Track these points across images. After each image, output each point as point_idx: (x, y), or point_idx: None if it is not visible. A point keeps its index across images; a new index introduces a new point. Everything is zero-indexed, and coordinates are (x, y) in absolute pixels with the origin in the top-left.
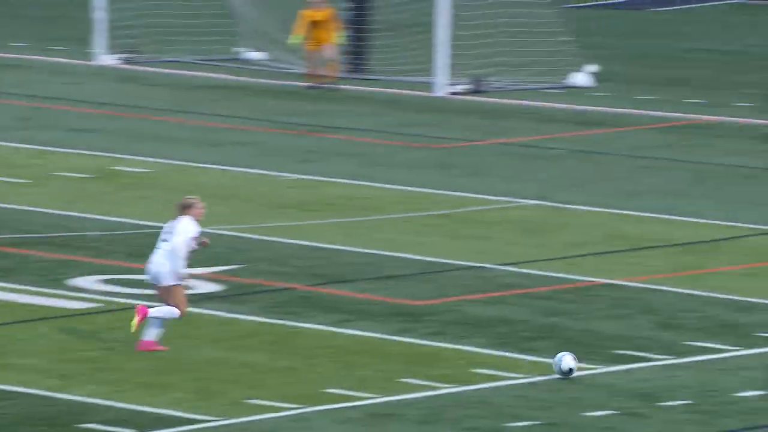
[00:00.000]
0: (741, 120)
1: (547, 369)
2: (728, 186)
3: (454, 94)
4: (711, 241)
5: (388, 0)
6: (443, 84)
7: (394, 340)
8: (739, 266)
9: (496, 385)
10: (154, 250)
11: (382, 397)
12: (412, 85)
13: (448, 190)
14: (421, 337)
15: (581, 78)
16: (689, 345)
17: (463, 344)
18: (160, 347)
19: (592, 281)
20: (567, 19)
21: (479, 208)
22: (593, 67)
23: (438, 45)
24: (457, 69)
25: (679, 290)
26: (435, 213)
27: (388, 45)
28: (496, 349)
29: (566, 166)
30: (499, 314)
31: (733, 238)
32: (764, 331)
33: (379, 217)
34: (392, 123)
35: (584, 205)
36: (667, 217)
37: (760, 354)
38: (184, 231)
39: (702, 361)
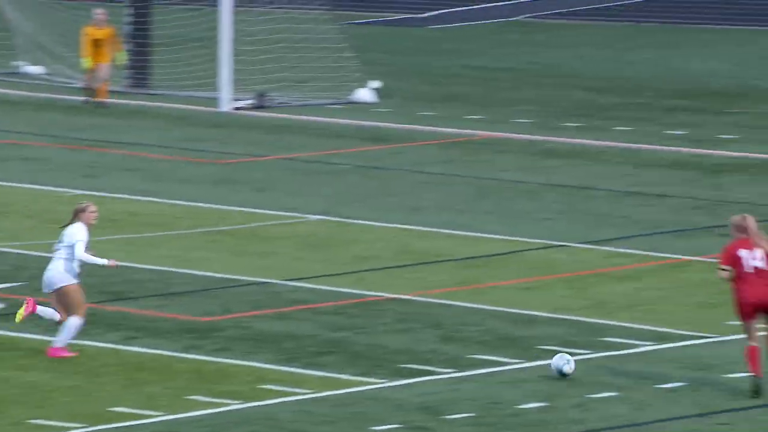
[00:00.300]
0: (520, 136)
1: (333, 383)
2: (509, 201)
3: (238, 109)
4: (493, 255)
5: (169, 14)
6: (227, 99)
7: (181, 357)
8: (520, 280)
9: (282, 401)
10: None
11: (170, 414)
12: (196, 100)
13: (234, 206)
14: (208, 353)
15: (364, 94)
16: (472, 358)
17: (250, 360)
18: (69, 353)
19: (378, 296)
20: (349, 36)
21: (265, 223)
22: (376, 83)
23: (221, 60)
24: (241, 84)
25: (463, 304)
26: (220, 229)
27: (170, 60)
28: (282, 365)
29: (351, 182)
30: (286, 330)
31: (514, 252)
32: (545, 343)
33: (164, 233)
34: (177, 138)
35: (369, 220)
36: (450, 231)
37: (541, 366)
38: (79, 237)
39: (485, 374)
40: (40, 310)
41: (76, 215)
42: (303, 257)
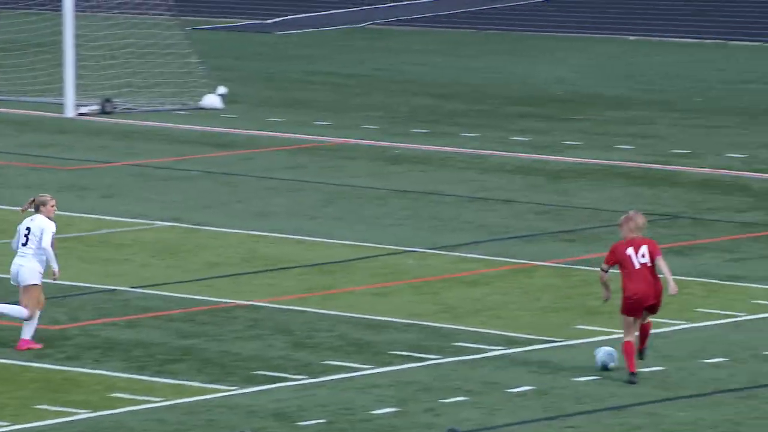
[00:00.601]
0: (368, 142)
1: (184, 391)
2: (358, 207)
3: (82, 115)
4: (343, 261)
5: (10, 19)
6: (72, 105)
7: (29, 366)
8: (370, 285)
9: (133, 410)
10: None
11: (17, 424)
12: (40, 106)
13: (81, 213)
14: (57, 362)
15: (212, 100)
16: (324, 364)
17: (99, 369)
18: (36, 345)
19: (228, 302)
20: (195, 41)
21: (113, 230)
22: (223, 89)
23: (65, 65)
24: (85, 90)
25: (313, 310)
26: (68, 235)
27: (13, 65)
28: (132, 373)
29: (200, 188)
30: (136, 337)
31: (363, 258)
32: (395, 349)
33: (9, 240)
34: (21, 144)
35: (219, 226)
36: (299, 237)
37: (392, 372)
38: (48, 229)
39: (337, 379)
40: (2, 308)
41: (37, 208)
42: (152, 264)
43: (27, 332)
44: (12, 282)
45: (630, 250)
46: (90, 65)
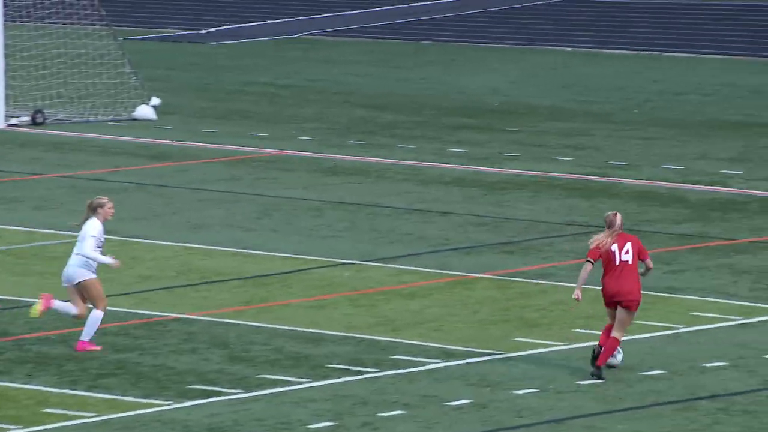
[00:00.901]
0: (304, 153)
1: (118, 406)
2: (294, 219)
3: (13, 126)
4: (279, 273)
5: None
6: (2, 116)
7: None
8: (306, 298)
9: (65, 425)
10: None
11: None
12: None
13: (12, 225)
14: None
15: (145, 111)
16: (260, 378)
17: (31, 383)
18: (95, 347)
19: (163, 315)
20: (128, 51)
21: (45, 243)
22: (156, 100)
23: None
24: (16, 101)
25: (249, 323)
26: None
27: None
28: (65, 388)
29: (133, 200)
30: (68, 351)
31: (300, 270)
32: (332, 362)
33: None
34: None
35: (153, 238)
36: (235, 250)
37: (329, 385)
38: (89, 233)
39: (273, 393)
40: (57, 304)
41: (93, 210)
42: None
43: (86, 334)
44: (63, 284)
45: (615, 247)
46: (21, 75)
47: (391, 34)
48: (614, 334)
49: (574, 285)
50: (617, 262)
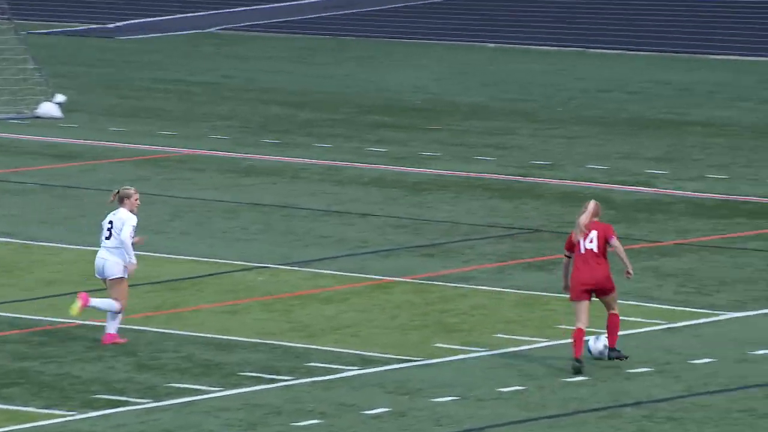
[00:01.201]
0: (217, 153)
1: (19, 417)
2: (206, 221)
3: None
4: (191, 278)
5: None
6: None
7: None
8: (219, 303)
9: None
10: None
11: None
12: None
13: None
14: None
15: (49, 108)
16: (169, 387)
17: None
18: (121, 340)
19: (68, 322)
20: (32, 46)
21: None
22: (61, 97)
23: None
24: None
25: (159, 330)
26: None
27: None
28: None
29: (37, 201)
30: None
31: (212, 274)
32: (245, 369)
33: None
34: None
35: (58, 241)
36: (145, 253)
37: (242, 394)
38: (127, 223)
39: (183, 403)
40: (95, 302)
41: (121, 201)
42: None
43: (112, 326)
44: (97, 276)
45: (580, 236)
46: None
47: (309, 28)
48: (613, 311)
49: (496, 289)
50: (582, 251)
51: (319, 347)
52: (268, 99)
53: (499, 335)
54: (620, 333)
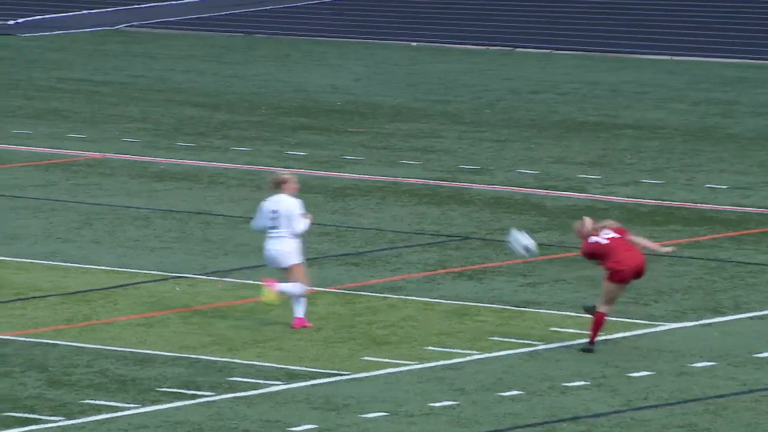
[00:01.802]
0: (128, 156)
1: None
2: (118, 229)
3: None
4: (102, 289)
5: None
6: None
7: None
8: (134, 316)
9: None
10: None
11: None
12: None
13: None
14: None
15: None
16: (83, 403)
17: None
18: (309, 324)
19: None
20: None
21: None
22: None
23: None
24: None
25: (70, 344)
26: None
27: None
28: None
29: None
30: None
31: (126, 285)
32: (163, 385)
33: None
34: None
35: None
36: (52, 263)
37: (160, 411)
38: (296, 209)
39: (97, 420)
40: (283, 287)
41: (279, 186)
42: None
43: (300, 311)
44: (270, 266)
45: (593, 238)
46: None
47: (221, 26)
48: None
49: (425, 299)
50: (605, 242)
51: (241, 361)
52: (180, 100)
53: (429, 348)
54: (555, 345)
